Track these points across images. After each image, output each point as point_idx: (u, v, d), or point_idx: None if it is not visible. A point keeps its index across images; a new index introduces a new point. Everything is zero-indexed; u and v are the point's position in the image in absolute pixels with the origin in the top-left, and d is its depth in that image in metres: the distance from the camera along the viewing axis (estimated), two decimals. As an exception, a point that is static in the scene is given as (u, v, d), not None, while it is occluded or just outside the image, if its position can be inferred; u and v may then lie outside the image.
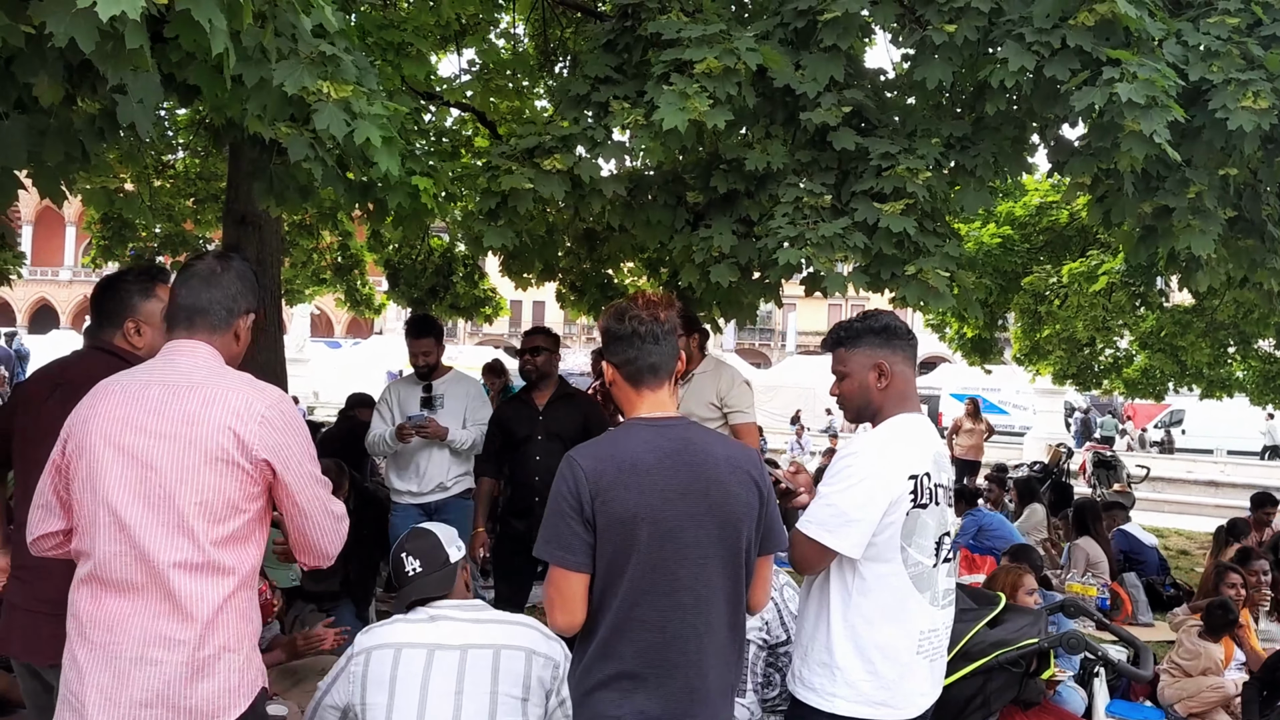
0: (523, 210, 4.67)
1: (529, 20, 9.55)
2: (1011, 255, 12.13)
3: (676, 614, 2.32)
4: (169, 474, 2.25)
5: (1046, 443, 17.98)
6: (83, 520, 2.29)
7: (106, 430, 2.28)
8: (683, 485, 2.33)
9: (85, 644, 2.24)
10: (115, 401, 2.32)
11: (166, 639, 2.21)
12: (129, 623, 2.22)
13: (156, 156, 9.04)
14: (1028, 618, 3.64)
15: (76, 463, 2.30)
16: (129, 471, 2.26)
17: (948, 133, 4.98)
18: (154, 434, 2.27)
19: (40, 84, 2.67)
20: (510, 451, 5.12)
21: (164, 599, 2.23)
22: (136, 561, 2.23)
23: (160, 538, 2.24)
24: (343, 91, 3.09)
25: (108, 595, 2.24)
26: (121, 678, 2.20)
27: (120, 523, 2.24)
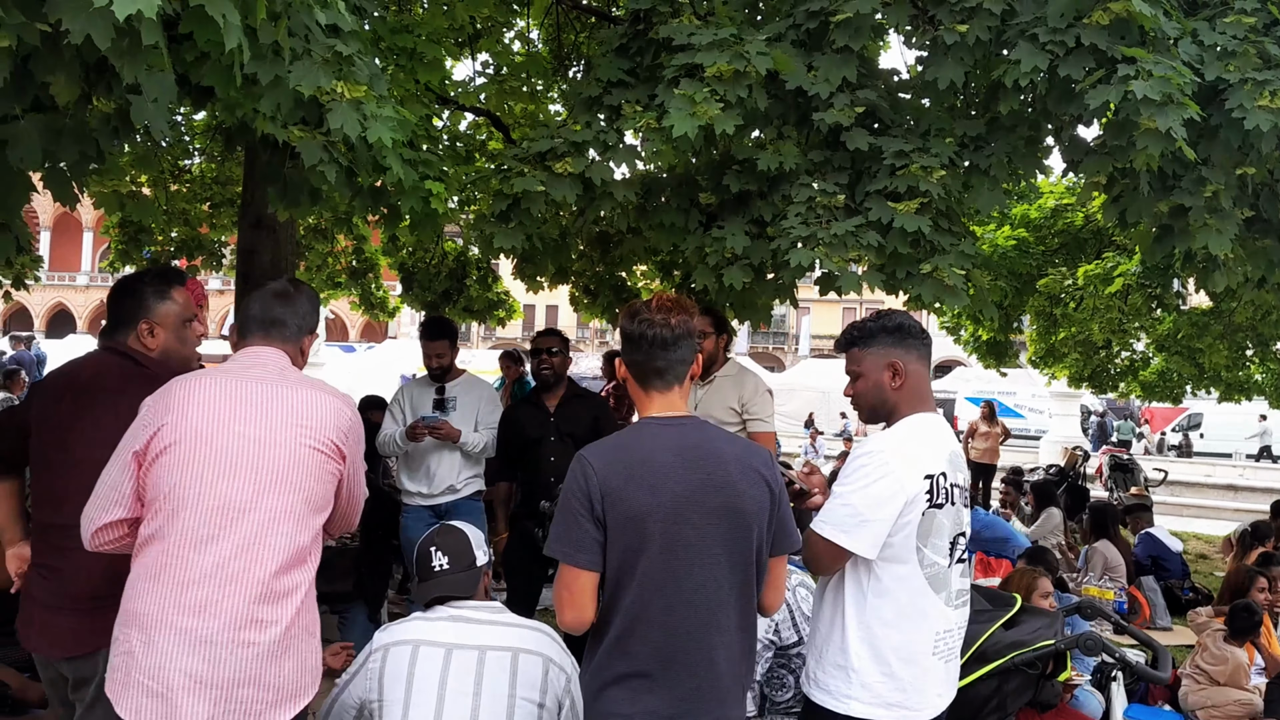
0: (535, 212, 4.67)
1: (543, 24, 9.57)
2: (1026, 258, 12.09)
3: (688, 613, 2.32)
4: (281, 464, 2.45)
5: (1063, 446, 17.87)
6: (169, 507, 2.38)
7: (210, 420, 2.44)
8: (694, 484, 2.33)
9: (167, 629, 2.31)
10: (214, 394, 2.47)
11: (260, 621, 2.35)
12: (221, 606, 2.33)
13: (173, 161, 9.09)
14: (1044, 619, 3.61)
15: (172, 451, 2.39)
16: (239, 459, 2.42)
17: (961, 132, 4.96)
18: (263, 425, 2.46)
19: (57, 83, 2.68)
20: (522, 453, 5.12)
21: (261, 583, 2.36)
22: (237, 546, 2.36)
23: (265, 525, 2.40)
24: (356, 92, 3.10)
25: (198, 581, 2.34)
26: (214, 660, 2.31)
27: (224, 509, 2.38)
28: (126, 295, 2.99)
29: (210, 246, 9.99)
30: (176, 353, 2.99)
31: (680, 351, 2.46)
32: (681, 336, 2.45)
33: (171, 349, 2.97)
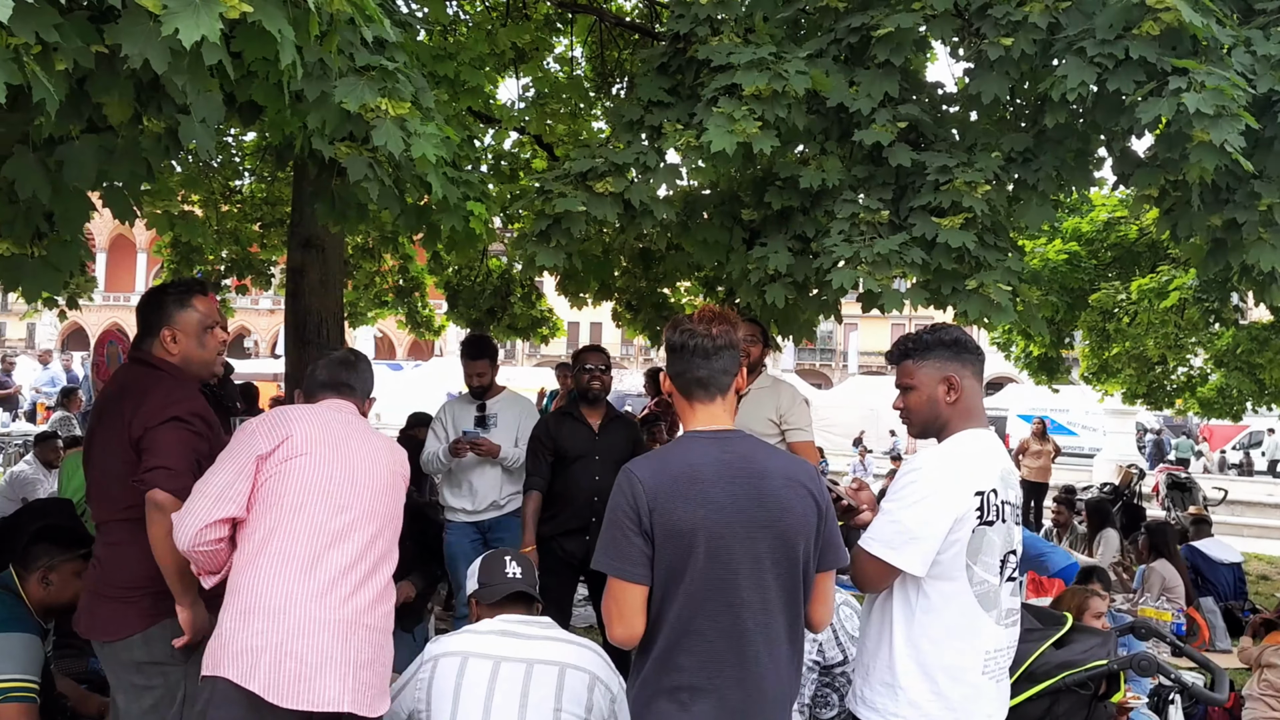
0: (576, 232, 4.68)
1: (586, 42, 9.64)
2: (1078, 272, 11.90)
3: (735, 627, 2.30)
4: (383, 479, 2.96)
5: (1117, 464, 17.51)
6: (293, 505, 2.73)
7: (332, 436, 2.88)
8: (739, 498, 2.31)
9: (300, 614, 2.63)
10: (326, 418, 2.94)
11: (378, 610, 2.80)
12: (353, 595, 2.73)
13: (224, 182, 9.26)
14: (1096, 638, 3.52)
15: (303, 459, 2.78)
16: (356, 471, 2.87)
17: (1008, 147, 4.89)
18: (367, 447, 2.96)
19: (111, 103, 2.74)
20: (560, 469, 5.10)
21: (381, 577, 2.83)
22: (360, 546, 2.79)
23: (379, 528, 2.86)
24: (400, 109, 3.13)
25: (329, 572, 2.70)
26: (346, 641, 2.67)
27: (344, 511, 2.79)
28: (152, 305, 3.16)
29: (260, 266, 10.15)
30: (197, 358, 3.13)
31: (722, 361, 2.44)
32: (724, 347, 2.44)
33: (192, 354, 3.12)
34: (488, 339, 5.77)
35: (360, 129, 3.25)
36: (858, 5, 4.98)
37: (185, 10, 2.15)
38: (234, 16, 2.22)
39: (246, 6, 2.22)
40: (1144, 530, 8.76)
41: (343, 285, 8.19)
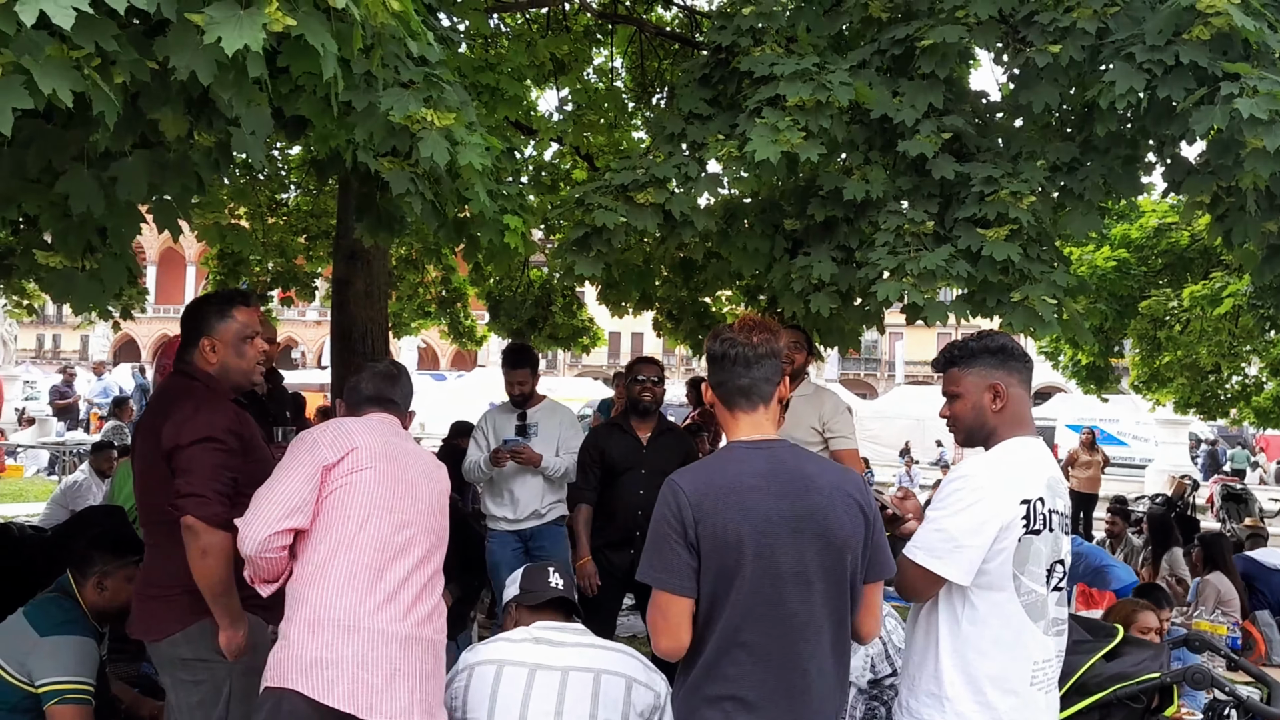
0: (615, 242, 4.69)
1: (626, 52, 9.67)
2: (1127, 279, 11.70)
3: (781, 638, 2.28)
4: (437, 495, 3.02)
5: (1170, 475, 17.20)
6: (358, 518, 2.77)
7: (392, 451, 2.91)
8: (785, 508, 2.30)
9: (366, 628, 2.67)
10: (384, 433, 2.96)
11: (436, 624, 2.84)
12: (414, 608, 2.77)
13: (270, 195, 9.40)
14: (1148, 651, 3.46)
15: (368, 472, 2.81)
16: (416, 486, 2.92)
17: (1054, 157, 4.83)
18: (420, 463, 3.01)
19: (165, 118, 2.81)
20: (608, 481, 5.11)
21: (436, 591, 2.88)
22: (418, 559, 2.84)
23: (435, 543, 2.94)
24: (445, 120, 3.17)
25: (393, 584, 2.75)
26: (409, 653, 2.71)
27: (404, 526, 2.83)
28: (192, 316, 3.23)
29: (305, 278, 10.28)
30: (235, 367, 3.17)
31: (764, 370, 2.42)
32: (765, 355, 2.42)
33: (230, 363, 3.17)
34: (528, 348, 5.80)
35: (404, 142, 3.28)
36: (901, 15, 4.95)
37: (228, 21, 2.19)
38: (277, 29, 2.25)
39: (290, 20, 2.25)
40: (1198, 542, 8.57)
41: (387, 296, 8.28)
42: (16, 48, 2.05)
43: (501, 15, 8.67)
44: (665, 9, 9.64)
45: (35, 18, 1.90)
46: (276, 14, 2.21)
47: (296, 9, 2.24)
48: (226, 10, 2.20)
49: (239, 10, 2.21)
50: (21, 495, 12.90)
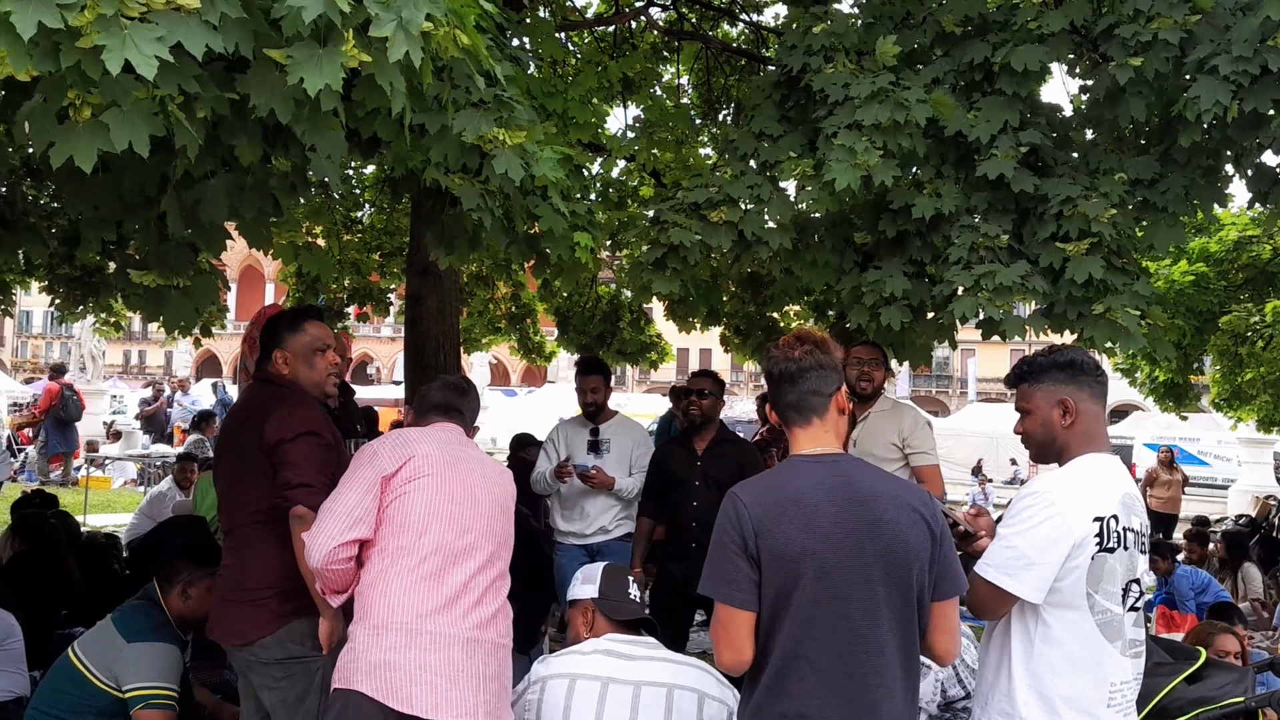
0: (691, 260, 4.72)
1: (693, 69, 9.72)
2: (1206, 294, 11.36)
3: (846, 653, 2.25)
4: (496, 501, 3.02)
5: (1253, 495, 16.65)
6: (419, 527, 2.82)
7: (451, 458, 2.95)
8: (848, 521, 2.27)
9: (428, 631, 2.73)
10: (442, 440, 3.00)
11: (499, 627, 2.89)
12: (476, 611, 2.82)
13: (345, 213, 9.61)
14: (1232, 674, 3.38)
15: (427, 480, 2.86)
16: (476, 492, 2.95)
17: (1134, 172, 4.74)
18: (481, 469, 3.02)
19: (241, 146, 2.94)
20: (667, 494, 5.13)
21: (500, 594, 2.95)
22: (480, 564, 2.89)
23: (497, 549, 2.97)
24: (517, 138, 3.23)
25: (455, 589, 2.81)
26: (472, 654, 2.76)
27: (465, 533, 2.87)
28: (267, 330, 3.37)
29: (379, 294, 10.49)
30: (307, 378, 3.29)
31: (810, 383, 2.41)
32: (809, 368, 2.41)
33: (301, 375, 3.29)
34: (600, 358, 5.85)
35: (475, 160, 3.36)
36: (975, 29, 4.91)
37: (309, 60, 2.28)
38: (353, 64, 2.34)
39: (365, 55, 2.33)
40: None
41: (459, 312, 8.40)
42: (104, 91, 2.17)
43: (569, 34, 8.79)
44: (731, 25, 9.68)
45: (120, 65, 2.01)
46: (353, 51, 2.30)
47: (370, 45, 2.32)
48: (306, 50, 2.29)
49: (318, 49, 2.29)
50: (110, 506, 13.31)
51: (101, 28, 2.01)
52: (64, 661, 3.59)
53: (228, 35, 2.21)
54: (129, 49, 2.01)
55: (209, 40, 2.14)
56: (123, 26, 2.03)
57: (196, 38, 2.12)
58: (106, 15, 2.00)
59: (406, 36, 2.30)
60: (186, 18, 2.10)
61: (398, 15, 2.28)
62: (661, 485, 5.18)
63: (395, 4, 2.28)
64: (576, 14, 8.94)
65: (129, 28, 2.03)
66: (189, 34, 2.11)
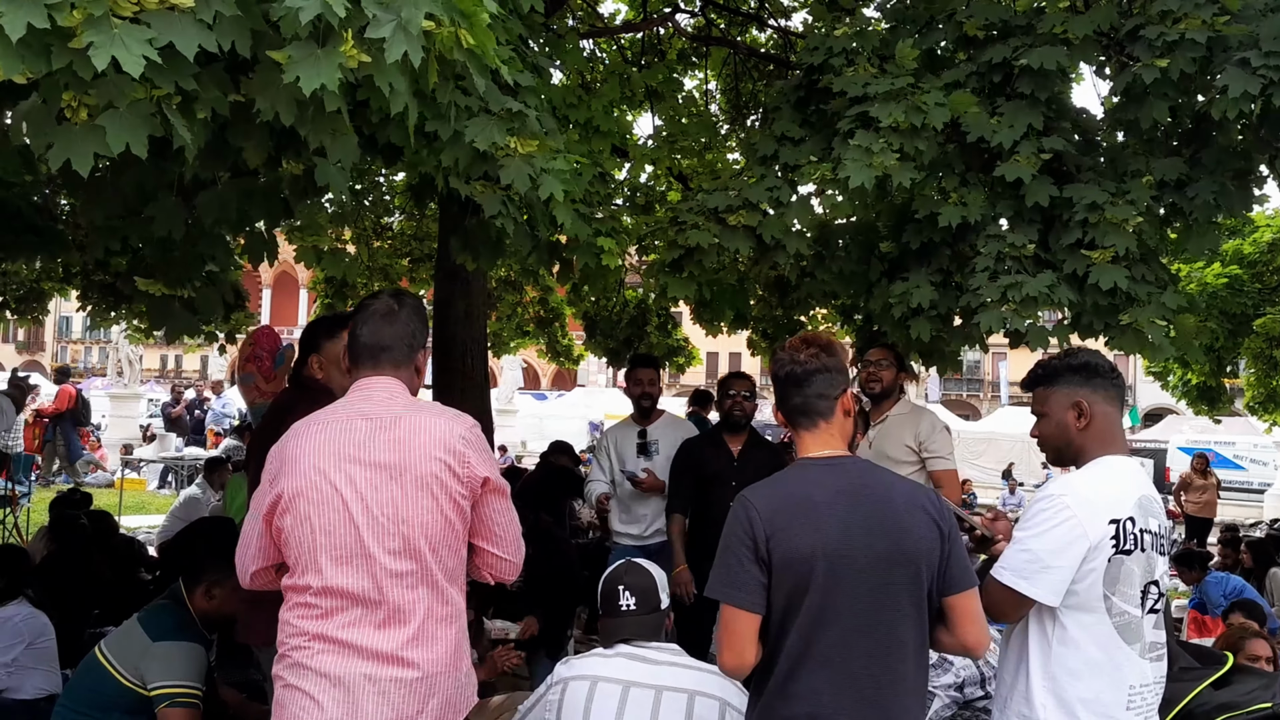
0: (708, 264, 4.73)
1: (720, 74, 9.73)
2: (1240, 296, 11.23)
3: (856, 653, 2.26)
4: (392, 503, 2.33)
5: (1288, 499, 16.42)
6: (304, 555, 2.34)
7: (320, 466, 2.35)
8: (858, 523, 2.28)
9: (318, 673, 2.31)
10: (322, 439, 2.39)
11: (402, 660, 2.31)
12: (365, 647, 2.31)
13: (375, 219, 9.70)
14: (1260, 680, 3.33)
15: (293, 501, 2.34)
16: (353, 504, 2.32)
17: (1161, 174, 4.69)
18: (369, 465, 2.35)
19: (249, 149, 2.94)
20: (699, 492, 5.12)
21: (401, 625, 2.33)
22: (373, 588, 2.31)
23: (391, 564, 2.32)
24: (528, 147, 3.24)
25: (342, 621, 2.32)
26: (354, 703, 2.28)
27: (348, 553, 2.31)
28: (307, 335, 3.43)
29: (410, 300, 10.55)
30: (338, 384, 3.26)
31: (815, 386, 2.42)
32: (814, 371, 2.42)
33: (335, 381, 3.30)
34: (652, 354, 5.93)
35: (493, 168, 3.38)
36: (998, 34, 4.89)
37: (307, 60, 2.27)
38: (353, 66, 2.32)
39: (365, 57, 2.32)
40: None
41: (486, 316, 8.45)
42: (100, 92, 2.16)
43: (597, 40, 8.83)
44: (760, 30, 9.67)
45: (107, 63, 2.01)
46: (352, 52, 2.29)
47: (371, 47, 2.30)
48: (304, 49, 2.28)
49: (316, 49, 2.29)
50: (144, 508, 13.52)
51: (91, 27, 2.01)
52: (91, 660, 3.65)
53: (223, 34, 2.20)
54: (116, 47, 2.01)
55: (202, 39, 2.14)
56: (113, 26, 2.03)
57: (189, 37, 2.12)
58: (96, 15, 2.00)
59: (406, 36, 2.27)
60: (179, 17, 2.10)
61: (397, 15, 2.26)
62: (695, 484, 5.18)
63: (395, 4, 2.27)
64: (604, 21, 8.98)
65: (119, 27, 2.03)
66: (181, 33, 2.11)
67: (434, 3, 2.35)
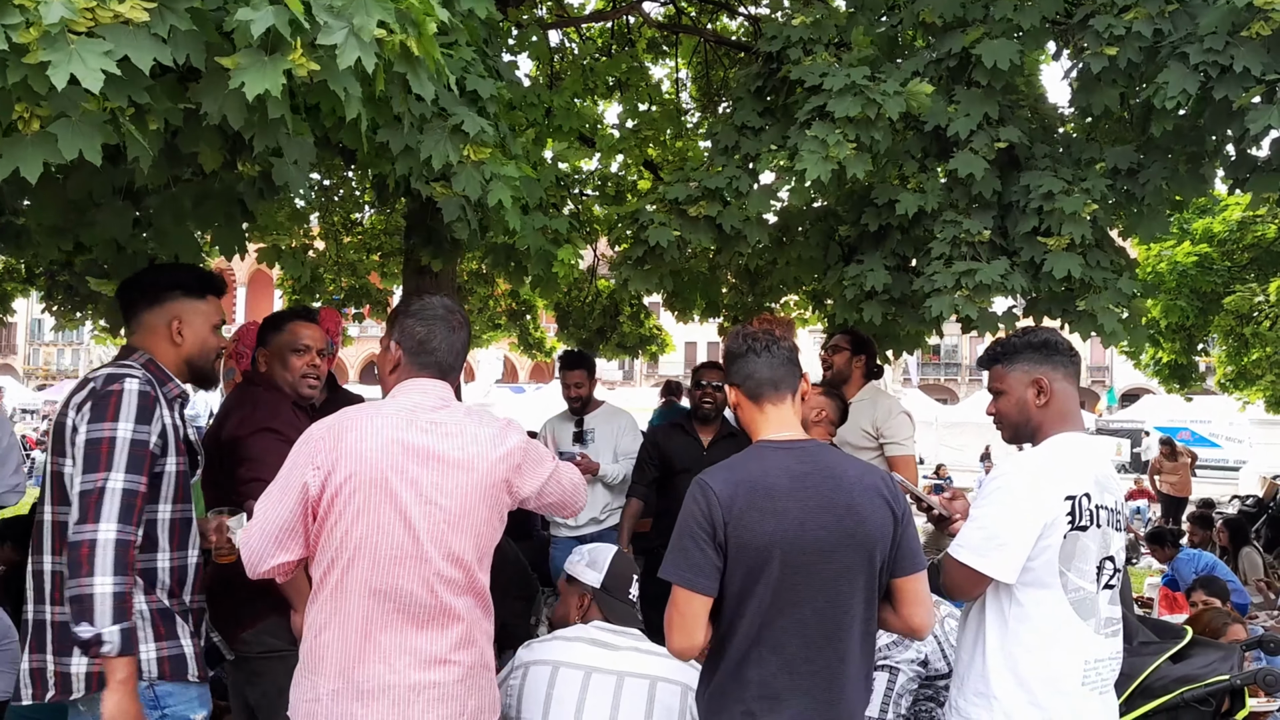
0: (668, 258, 4.74)
1: (691, 62, 9.72)
2: (1210, 274, 11.32)
3: (810, 637, 2.28)
4: (454, 508, 2.35)
5: (1262, 476, 16.59)
6: (347, 551, 2.30)
7: (383, 463, 2.32)
8: (813, 507, 2.28)
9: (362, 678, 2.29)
10: (388, 435, 2.35)
11: (444, 661, 2.33)
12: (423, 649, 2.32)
13: (345, 215, 9.63)
14: (1219, 653, 3.36)
15: (351, 495, 2.29)
16: (411, 505, 2.31)
17: (1113, 162, 4.73)
18: (435, 469, 2.35)
19: (203, 153, 2.90)
20: (665, 481, 5.13)
21: (448, 629, 2.35)
22: (424, 590, 2.32)
23: (443, 568, 2.34)
24: (481, 154, 3.24)
25: (390, 618, 2.31)
26: (402, 707, 2.28)
27: (402, 553, 2.30)
28: (260, 332, 3.36)
29: (378, 295, 10.50)
30: (281, 377, 3.26)
31: (788, 361, 2.45)
32: (786, 349, 2.46)
33: (277, 374, 3.29)
34: (584, 352, 5.89)
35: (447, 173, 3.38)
36: (955, 21, 4.91)
37: (254, 66, 2.27)
38: (302, 74, 2.31)
39: (314, 65, 2.32)
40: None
41: (457, 310, 8.35)
42: (54, 103, 2.15)
43: (565, 30, 8.79)
44: (730, 18, 9.66)
45: (66, 80, 2.01)
46: (300, 60, 2.29)
47: (320, 54, 2.30)
48: (252, 57, 2.28)
49: (264, 56, 2.29)
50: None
51: (47, 44, 2.00)
52: None
53: (177, 48, 2.20)
54: (74, 63, 2.01)
55: (157, 53, 2.14)
56: (69, 41, 2.02)
57: (144, 50, 2.12)
58: (52, 32, 1.99)
59: (359, 43, 2.28)
60: (135, 31, 2.10)
61: (349, 22, 2.27)
62: (662, 470, 5.17)
63: (346, 11, 2.28)
64: (572, 11, 8.94)
65: (76, 42, 2.03)
66: (136, 47, 2.10)
67: (385, 10, 2.34)
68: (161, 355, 2.70)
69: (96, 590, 2.31)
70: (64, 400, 2.60)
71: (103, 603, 2.31)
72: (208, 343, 2.78)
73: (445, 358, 2.51)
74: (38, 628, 2.54)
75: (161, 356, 2.70)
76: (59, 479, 2.53)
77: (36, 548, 2.59)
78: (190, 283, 2.75)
